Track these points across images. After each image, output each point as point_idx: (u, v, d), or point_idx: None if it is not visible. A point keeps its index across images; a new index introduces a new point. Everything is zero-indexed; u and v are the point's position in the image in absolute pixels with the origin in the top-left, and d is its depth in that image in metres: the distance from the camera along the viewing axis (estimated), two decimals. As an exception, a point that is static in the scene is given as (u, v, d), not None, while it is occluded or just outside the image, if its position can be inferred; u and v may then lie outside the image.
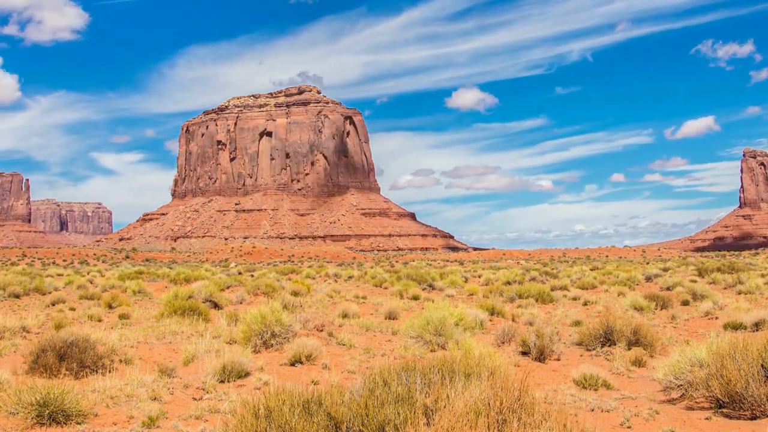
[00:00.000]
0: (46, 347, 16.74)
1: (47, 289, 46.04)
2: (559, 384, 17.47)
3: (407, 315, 31.74)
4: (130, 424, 12.70)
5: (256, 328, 20.60)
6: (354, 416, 9.83)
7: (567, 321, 30.71)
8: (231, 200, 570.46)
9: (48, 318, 29.11)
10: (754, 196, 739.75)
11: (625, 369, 19.01)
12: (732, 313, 30.06)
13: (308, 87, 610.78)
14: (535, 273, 73.92)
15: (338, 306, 34.08)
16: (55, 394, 12.28)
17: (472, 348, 18.72)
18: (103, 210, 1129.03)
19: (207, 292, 37.03)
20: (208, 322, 27.01)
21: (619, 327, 22.10)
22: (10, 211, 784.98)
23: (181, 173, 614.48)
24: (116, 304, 34.96)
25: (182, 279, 57.35)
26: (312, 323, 23.49)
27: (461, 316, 24.00)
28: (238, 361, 17.00)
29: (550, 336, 21.15)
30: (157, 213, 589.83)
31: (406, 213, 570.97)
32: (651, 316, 32.06)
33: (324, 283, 63.27)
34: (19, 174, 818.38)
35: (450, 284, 58.41)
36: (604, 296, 45.06)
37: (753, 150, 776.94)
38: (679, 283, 49.04)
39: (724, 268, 65.68)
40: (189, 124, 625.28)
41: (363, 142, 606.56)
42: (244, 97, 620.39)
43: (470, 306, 33.37)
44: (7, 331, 22.53)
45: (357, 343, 22.17)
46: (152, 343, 21.47)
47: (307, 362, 18.64)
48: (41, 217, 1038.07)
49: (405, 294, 46.08)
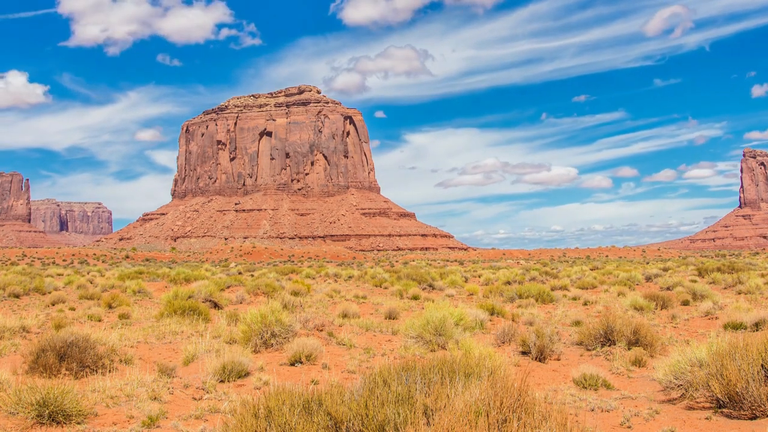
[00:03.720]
0: (46, 347, 16.73)
1: (47, 289, 46.03)
2: (559, 384, 17.47)
3: (407, 315, 31.73)
4: (130, 424, 12.69)
5: (256, 328, 20.60)
6: (354, 416, 9.83)
7: (567, 321, 30.71)
8: (231, 200, 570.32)
9: (48, 318, 29.11)
10: (754, 196, 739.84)
11: (625, 369, 19.00)
12: (732, 313, 30.04)
13: (308, 87, 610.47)
14: (535, 273, 73.94)
15: (338, 306, 34.07)
16: (55, 394, 12.27)
17: (472, 348, 18.72)
18: (102, 210, 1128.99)
19: (207, 292, 37.03)
20: (208, 322, 27.02)
21: (619, 327, 22.09)
22: (10, 211, 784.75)
23: (181, 173, 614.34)
24: (116, 304, 34.95)
25: (182, 279, 57.35)
26: (312, 323, 23.48)
27: (461, 316, 24.00)
28: (238, 361, 17.00)
29: (550, 336, 21.15)
30: (157, 213, 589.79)
31: (406, 213, 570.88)
32: (651, 316, 32.05)
33: (324, 283, 63.27)
34: (19, 174, 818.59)
35: (450, 284, 58.41)
36: (604, 296, 45.05)
37: (753, 150, 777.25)
38: (679, 283, 49.03)
39: (724, 268, 65.66)
40: (189, 124, 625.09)
41: (363, 141, 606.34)
42: (244, 97, 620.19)
43: (470, 306, 33.38)
44: (7, 331, 22.52)
45: (357, 343, 22.16)
46: (152, 343, 21.47)
47: (307, 362, 18.64)
48: (41, 217, 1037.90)
49: (405, 294, 46.08)
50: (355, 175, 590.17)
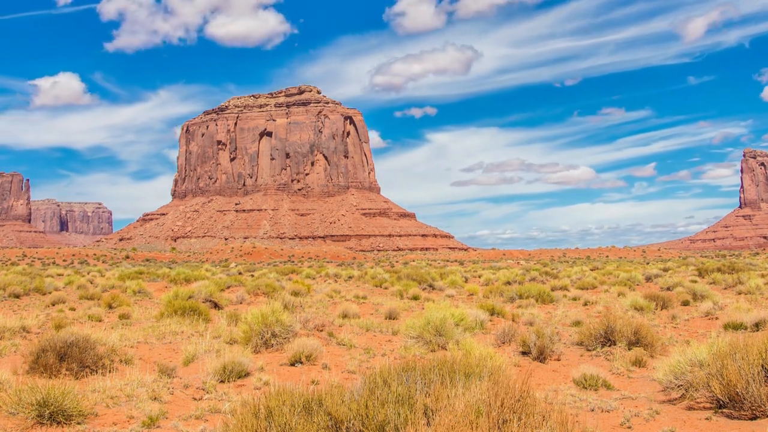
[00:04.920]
0: (47, 347, 16.73)
1: (47, 289, 46.02)
2: (560, 384, 17.47)
3: (407, 315, 31.72)
4: (130, 424, 12.69)
5: (257, 328, 20.60)
6: (354, 416, 9.83)
7: (567, 321, 30.69)
8: (231, 200, 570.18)
9: (48, 318, 29.10)
10: (755, 197, 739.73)
11: (625, 369, 19.00)
12: (732, 313, 30.04)
13: (308, 87, 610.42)
14: (535, 273, 73.93)
15: (338, 306, 34.07)
16: (56, 394, 12.27)
17: (473, 348, 18.72)
18: (103, 210, 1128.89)
19: (207, 292, 37.03)
20: (208, 322, 27.01)
21: (620, 327, 22.08)
22: (10, 211, 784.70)
23: (181, 173, 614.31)
24: (116, 304, 34.94)
25: (182, 279, 57.36)
26: (312, 323, 23.48)
27: (461, 317, 24.00)
28: (238, 361, 17.00)
29: (550, 336, 21.15)
30: (157, 213, 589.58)
31: (406, 213, 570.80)
32: (651, 317, 32.04)
33: (324, 283, 63.27)
34: (19, 174, 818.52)
35: (450, 284, 58.40)
36: (604, 296, 45.03)
37: (753, 150, 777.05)
38: (679, 284, 49.02)
39: (724, 268, 65.65)
40: (189, 124, 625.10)
41: (363, 142, 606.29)
42: (244, 97, 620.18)
43: (470, 306, 33.37)
44: (7, 331, 22.52)
45: (357, 343, 22.16)
46: (152, 343, 21.46)
47: (307, 362, 18.64)
48: (41, 217, 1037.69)
49: (405, 294, 46.07)
50: (355, 175, 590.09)
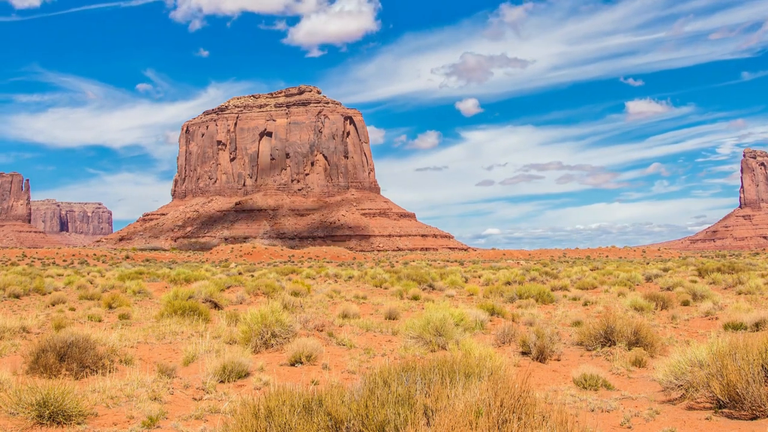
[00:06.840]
0: (46, 347, 16.73)
1: (47, 290, 46.03)
2: (560, 384, 17.47)
3: (407, 315, 31.72)
4: (130, 424, 12.69)
5: (257, 328, 20.60)
6: (354, 416, 9.83)
7: (567, 321, 30.68)
8: (231, 200, 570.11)
9: (48, 318, 29.10)
10: (754, 197, 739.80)
11: (625, 369, 19.00)
12: (732, 313, 30.03)
13: (308, 87, 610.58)
14: (535, 273, 73.89)
15: (338, 306, 34.06)
16: (56, 394, 12.27)
17: (473, 348, 18.71)
18: (103, 210, 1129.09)
19: (207, 293, 37.03)
20: (208, 322, 27.00)
21: (620, 327, 22.08)
22: (10, 211, 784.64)
23: (181, 173, 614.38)
24: (116, 305, 34.94)
25: (182, 279, 57.39)
26: (312, 323, 23.48)
27: (461, 317, 24.00)
28: (238, 361, 17.00)
29: (550, 336, 21.15)
30: (158, 213, 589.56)
31: (406, 213, 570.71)
32: (651, 317, 32.03)
33: (324, 283, 63.27)
34: (19, 174, 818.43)
35: (450, 284, 58.39)
36: (604, 296, 45.03)
37: (753, 150, 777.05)
38: (679, 284, 49.00)
39: (724, 268, 65.63)
40: (189, 124, 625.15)
41: (363, 142, 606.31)
42: (244, 97, 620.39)
43: (470, 306, 33.37)
44: (7, 331, 22.51)
45: (357, 344, 22.15)
46: (152, 344, 21.46)
47: (307, 362, 18.63)
48: (41, 218, 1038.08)
49: (405, 294, 46.05)
50: (355, 175, 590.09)
